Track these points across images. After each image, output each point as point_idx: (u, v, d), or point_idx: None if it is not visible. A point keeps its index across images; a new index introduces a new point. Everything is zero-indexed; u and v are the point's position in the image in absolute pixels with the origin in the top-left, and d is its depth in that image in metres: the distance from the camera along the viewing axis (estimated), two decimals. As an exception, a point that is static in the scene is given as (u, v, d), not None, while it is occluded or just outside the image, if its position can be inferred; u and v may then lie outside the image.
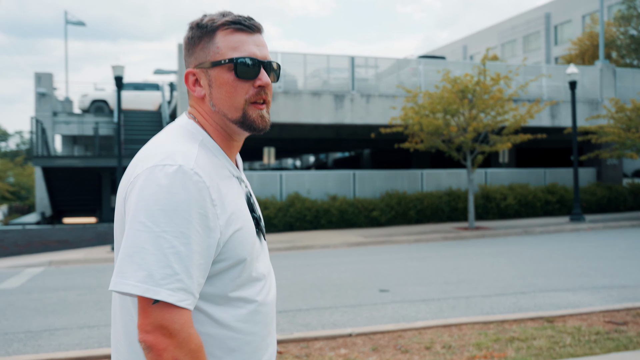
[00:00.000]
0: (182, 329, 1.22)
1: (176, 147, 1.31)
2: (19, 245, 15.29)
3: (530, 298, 7.49)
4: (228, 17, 1.40)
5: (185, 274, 1.22)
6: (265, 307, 1.43)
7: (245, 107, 1.39)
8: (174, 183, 1.24)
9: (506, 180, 19.75)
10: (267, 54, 1.44)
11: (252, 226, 1.41)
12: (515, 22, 57.18)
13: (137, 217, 1.22)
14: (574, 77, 17.16)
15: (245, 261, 1.36)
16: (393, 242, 14.52)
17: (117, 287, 1.22)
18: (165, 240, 1.21)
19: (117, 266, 1.23)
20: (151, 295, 1.19)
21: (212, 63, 1.38)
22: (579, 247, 12.55)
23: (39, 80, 21.52)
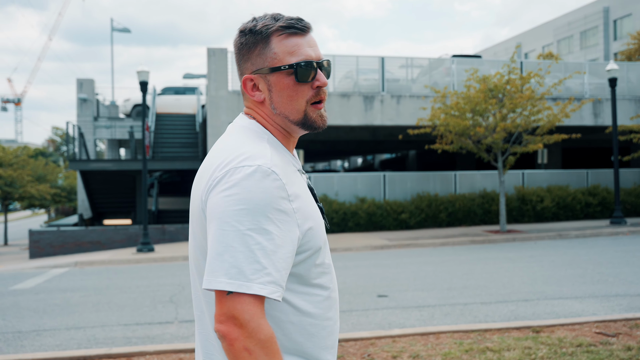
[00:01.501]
0: (252, 319, 1.27)
1: (250, 148, 1.38)
2: (54, 246, 15.82)
3: (531, 306, 7.16)
4: (281, 21, 1.43)
5: (273, 267, 1.29)
6: (335, 293, 1.53)
7: (306, 108, 1.46)
8: (253, 182, 1.31)
9: (545, 182, 19.04)
10: (320, 53, 1.48)
11: (320, 217, 1.48)
12: (572, 17, 55.25)
13: (222, 218, 1.30)
14: (614, 73, 16.38)
15: (320, 250, 1.45)
16: (418, 246, 14.23)
17: (211, 285, 1.28)
18: (251, 238, 1.28)
19: (209, 265, 1.30)
20: (244, 290, 1.26)
21: (271, 69, 1.43)
22: (609, 251, 11.96)
23: (80, 86, 22.24)
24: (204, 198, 1.38)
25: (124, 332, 6.33)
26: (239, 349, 1.27)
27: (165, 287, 9.16)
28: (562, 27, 56.89)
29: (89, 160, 17.84)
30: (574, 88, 20.06)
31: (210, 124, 17.02)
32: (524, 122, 15.02)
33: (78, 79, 22.42)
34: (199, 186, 1.42)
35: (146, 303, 7.87)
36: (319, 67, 1.46)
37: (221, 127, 16.98)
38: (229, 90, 17.04)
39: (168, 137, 20.26)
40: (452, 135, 15.16)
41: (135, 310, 7.47)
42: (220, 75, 16.96)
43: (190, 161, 18.50)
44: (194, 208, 1.44)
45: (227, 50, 17.15)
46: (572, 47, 55.45)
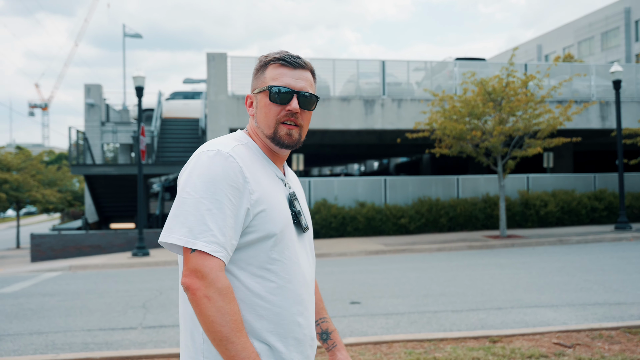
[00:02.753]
0: (211, 271, 1.49)
1: (220, 141, 1.64)
2: (55, 250, 15.98)
3: (503, 314, 7.01)
4: (278, 54, 1.71)
5: (219, 231, 1.51)
6: (295, 287, 1.65)
7: (276, 125, 1.69)
8: (212, 161, 1.56)
9: (550, 186, 18.71)
10: (306, 87, 1.71)
11: (286, 213, 1.67)
12: (593, 18, 54.37)
13: (184, 188, 1.56)
14: (618, 75, 16.05)
15: (276, 236, 1.62)
16: (414, 251, 14.08)
17: (165, 239, 1.53)
18: (203, 205, 1.52)
19: (166, 224, 1.55)
20: (190, 246, 1.50)
21: (258, 90, 1.71)
22: (605, 258, 11.69)
23: (88, 91, 22.49)
24: (178, 178, 1.64)
25: (84, 338, 6.33)
26: (200, 296, 1.48)
27: (143, 292, 9.17)
28: (583, 29, 56.02)
29: (89, 165, 18.01)
30: (582, 91, 19.71)
31: (210, 128, 17.06)
32: (524, 125, 14.79)
33: (86, 85, 22.69)
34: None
35: (118, 308, 7.87)
36: (297, 95, 1.68)
37: (220, 132, 17.02)
38: (228, 95, 17.08)
39: (172, 142, 20.38)
40: (450, 139, 14.98)
41: (105, 315, 7.48)
42: (219, 79, 17.01)
43: (191, 165, 18.55)
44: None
45: (226, 55, 17.19)
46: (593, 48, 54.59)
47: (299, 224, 1.72)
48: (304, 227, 1.75)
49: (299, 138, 1.72)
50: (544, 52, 60.93)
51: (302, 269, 1.70)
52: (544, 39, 61.64)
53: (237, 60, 17.52)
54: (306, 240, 1.78)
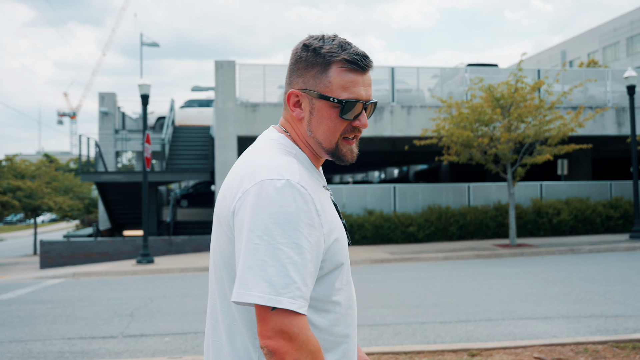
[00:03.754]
0: (301, 332, 1.30)
1: (277, 162, 1.40)
2: (64, 257, 16.11)
3: (492, 326, 6.80)
4: (346, 53, 1.44)
5: (302, 282, 1.32)
6: (354, 311, 1.54)
7: (339, 141, 1.48)
8: (284, 197, 1.33)
9: (565, 194, 18.31)
10: (370, 94, 1.50)
11: (345, 234, 1.51)
12: (618, 23, 53.44)
13: (254, 231, 1.31)
14: (632, 81, 15.64)
15: (343, 266, 1.47)
16: (420, 260, 13.86)
17: (242, 299, 1.30)
18: (282, 252, 1.30)
19: (239, 278, 1.32)
20: (274, 304, 1.28)
21: (320, 95, 1.45)
22: (613, 268, 11.34)
23: (102, 100, 22.74)
24: (231, 209, 1.39)
25: (62, 347, 6.29)
26: None
27: (136, 299, 9.14)
28: (608, 34, 55.10)
29: (99, 173, 18.16)
30: (598, 96, 19.29)
31: (218, 135, 17.07)
32: (534, 132, 14.49)
33: (100, 93, 22.94)
34: (225, 196, 1.43)
35: (105, 316, 7.84)
36: (365, 108, 1.47)
37: (228, 139, 17.02)
38: (236, 103, 17.08)
39: (184, 149, 20.46)
40: (457, 146, 14.75)
41: (90, 323, 7.45)
42: (227, 87, 17.02)
43: (200, 173, 18.60)
44: (221, 218, 1.44)
45: (234, 63, 17.21)
46: (618, 53, 53.63)
47: (348, 238, 1.56)
48: (349, 240, 1.58)
49: (357, 152, 1.53)
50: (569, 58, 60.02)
51: (353, 287, 1.56)
52: (568, 45, 60.74)
53: (245, 67, 17.53)
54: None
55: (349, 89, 1.44)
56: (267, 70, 17.47)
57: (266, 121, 17.07)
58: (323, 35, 1.49)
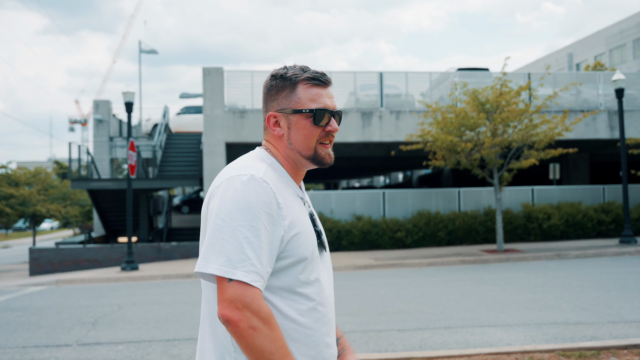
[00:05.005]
0: (252, 301, 1.46)
1: (249, 163, 1.62)
2: (53, 264, 16.18)
3: (449, 334, 6.73)
4: (307, 73, 1.69)
5: (257, 259, 1.49)
6: (324, 308, 1.66)
7: (316, 146, 1.69)
8: (247, 187, 1.53)
9: (557, 199, 18.14)
10: (335, 104, 1.73)
11: (313, 235, 1.66)
12: (624, 25, 53.05)
13: (218, 215, 1.52)
14: (620, 84, 15.50)
15: (306, 260, 1.61)
16: (404, 266, 13.78)
17: (202, 269, 1.50)
18: (240, 232, 1.49)
19: (202, 253, 1.52)
20: (230, 276, 1.46)
21: (294, 110, 1.68)
22: (593, 274, 11.21)
23: (97, 107, 22.84)
24: (206, 203, 1.61)
25: (14, 355, 6.30)
26: (244, 327, 1.46)
27: (104, 307, 9.15)
28: (614, 36, 54.70)
29: (89, 180, 18.23)
30: (591, 100, 19.14)
31: (206, 142, 17.10)
32: (520, 136, 14.38)
33: (94, 101, 23.05)
34: (207, 194, 1.65)
35: (68, 324, 7.85)
36: (333, 115, 1.70)
37: (216, 146, 17.05)
38: (224, 109, 17.11)
39: (177, 156, 20.51)
40: (442, 151, 14.67)
41: (50, 331, 7.46)
42: (215, 94, 17.06)
43: (190, 180, 18.63)
44: (203, 211, 1.64)
45: (222, 70, 17.25)
46: (624, 56, 53.23)
47: (321, 243, 1.72)
48: (325, 247, 1.76)
49: (333, 155, 1.74)
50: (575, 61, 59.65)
51: (327, 289, 1.70)
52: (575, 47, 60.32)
53: (233, 74, 17.57)
54: (326, 259, 1.77)
55: (316, 100, 1.68)
56: (255, 76, 17.50)
57: (254, 127, 17.09)
58: (285, 65, 1.74)
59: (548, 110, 17.45)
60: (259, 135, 17.05)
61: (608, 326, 6.88)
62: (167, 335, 7.01)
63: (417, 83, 18.91)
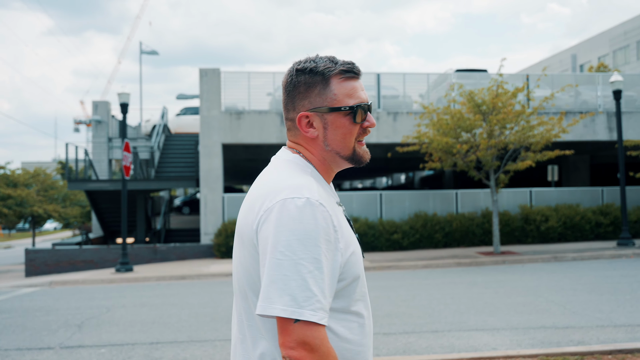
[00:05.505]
0: (322, 343, 1.38)
1: (297, 181, 1.48)
2: (49, 265, 16.17)
3: (435, 338, 6.67)
4: (340, 65, 1.55)
5: (322, 294, 1.39)
6: (370, 321, 1.61)
7: (355, 145, 1.59)
8: (304, 214, 1.40)
9: (555, 201, 18.04)
10: (367, 96, 1.61)
11: (359, 247, 1.58)
12: (628, 26, 52.85)
13: (276, 247, 1.39)
14: (617, 85, 15.40)
15: (359, 278, 1.54)
16: (399, 268, 13.71)
17: (266, 312, 1.38)
18: (303, 267, 1.38)
19: (263, 292, 1.40)
20: (296, 316, 1.36)
21: (330, 108, 1.54)
22: (588, 277, 11.12)
23: (95, 108, 22.85)
24: (254, 227, 1.46)
25: (-5, 358, 6.27)
26: None
27: (93, 309, 9.12)
28: (618, 37, 54.49)
29: (85, 181, 18.22)
30: (591, 101, 19.03)
31: (203, 143, 17.07)
32: (517, 138, 14.30)
33: (93, 102, 23.06)
34: (248, 215, 1.50)
35: (53, 327, 7.82)
36: (369, 109, 1.59)
37: (213, 147, 17.02)
38: (221, 111, 17.07)
39: (175, 157, 20.50)
40: (438, 152, 14.60)
41: (35, 334, 7.43)
42: (212, 95, 17.03)
43: (187, 181, 18.61)
44: (244, 236, 1.51)
45: (219, 71, 17.22)
46: (628, 57, 53.03)
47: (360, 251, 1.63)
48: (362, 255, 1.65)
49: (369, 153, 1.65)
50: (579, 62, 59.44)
51: (368, 298, 1.63)
52: (579, 49, 60.11)
53: (230, 75, 17.54)
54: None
55: (353, 95, 1.55)
56: (252, 77, 17.47)
57: (251, 128, 17.05)
58: (308, 57, 1.59)
59: (546, 112, 17.37)
60: (255, 137, 17.03)
61: (596, 330, 6.81)
62: (151, 338, 6.96)
63: (415, 84, 18.84)
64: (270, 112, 17.17)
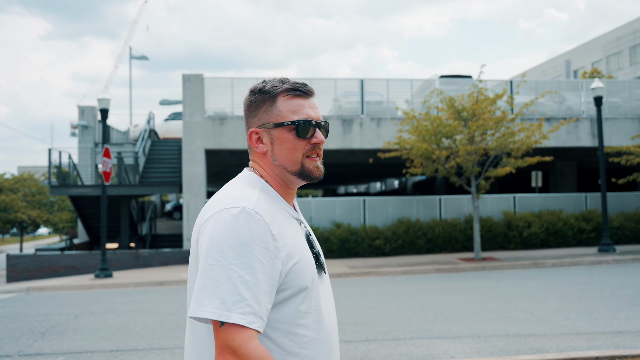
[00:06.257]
0: (241, 345, 1.37)
1: (239, 193, 1.52)
2: (30, 271, 16.12)
3: (395, 346, 6.65)
4: (287, 84, 1.61)
5: (253, 299, 1.39)
6: (327, 336, 1.58)
7: (303, 160, 1.61)
8: (238, 221, 1.44)
9: (538, 207, 18.04)
10: (319, 115, 1.64)
11: (311, 260, 1.58)
12: (621, 32, 53.03)
13: (209, 253, 1.43)
14: (598, 92, 15.43)
15: (307, 289, 1.53)
16: (378, 274, 13.69)
17: (195, 314, 1.41)
18: (234, 272, 1.40)
19: (194, 296, 1.43)
20: (225, 319, 1.37)
21: (275, 124, 1.60)
22: (563, 283, 11.13)
23: (82, 113, 22.83)
24: (196, 237, 1.53)
25: (-49, 366, 6.24)
26: None
27: (61, 316, 9.08)
28: (611, 43, 54.67)
29: (68, 186, 18.17)
30: (575, 107, 19.08)
31: (186, 149, 17.06)
32: (498, 144, 14.32)
33: (79, 106, 23.06)
34: (195, 228, 1.57)
35: (17, 334, 7.78)
36: (318, 126, 1.61)
37: (196, 153, 17.01)
38: (204, 116, 17.07)
39: (160, 162, 20.46)
40: (419, 158, 14.61)
41: (-3, 341, 7.39)
42: (195, 101, 17.03)
43: (170, 186, 18.59)
44: (192, 246, 1.57)
45: (202, 77, 17.23)
46: (621, 63, 53.19)
47: (320, 266, 1.64)
48: (324, 269, 1.67)
49: (322, 168, 1.66)
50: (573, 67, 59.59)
51: (328, 314, 1.62)
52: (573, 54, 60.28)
53: (212, 81, 17.55)
54: (326, 281, 1.68)
55: (298, 112, 1.59)
56: (235, 83, 17.48)
57: (234, 134, 17.05)
58: (264, 79, 1.66)
59: (530, 118, 17.42)
60: (239, 142, 17.03)
61: (558, 338, 6.81)
62: (112, 346, 6.93)
63: (400, 90, 18.86)
64: (254, 118, 17.14)
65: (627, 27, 52.38)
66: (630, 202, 18.64)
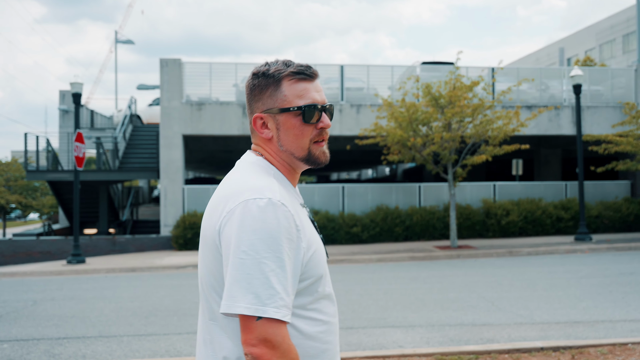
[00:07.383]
0: (284, 341, 1.41)
1: (259, 182, 1.51)
2: (5, 256, 16.00)
3: (345, 335, 6.59)
4: (292, 67, 1.58)
5: (285, 292, 1.42)
6: (335, 319, 1.64)
7: (310, 146, 1.59)
8: (266, 214, 1.43)
9: (518, 195, 17.99)
10: (324, 98, 1.62)
11: (322, 247, 1.61)
12: (614, 20, 52.82)
13: (239, 247, 1.42)
14: (577, 80, 15.32)
15: (322, 277, 1.57)
16: (352, 262, 13.64)
17: (230, 310, 1.41)
18: (266, 265, 1.40)
19: (227, 291, 1.42)
20: (261, 314, 1.38)
21: (281, 109, 1.57)
22: (531, 272, 11.09)
23: (62, 98, 22.60)
24: (217, 228, 1.49)
25: None
26: None
27: (20, 302, 8.99)
28: (605, 31, 54.47)
29: (44, 171, 18.02)
30: (558, 95, 18.97)
31: (163, 134, 16.90)
32: (475, 132, 14.22)
33: (60, 91, 22.82)
34: (212, 217, 1.53)
35: (-31, 321, 7.69)
36: (323, 110, 1.60)
37: (173, 138, 16.86)
38: (182, 102, 16.90)
39: (140, 148, 20.29)
40: (396, 145, 14.50)
41: (-53, 328, 7.29)
42: (173, 86, 16.84)
43: (149, 172, 18.43)
44: (207, 237, 1.54)
45: (180, 61, 17.02)
46: (614, 51, 53.03)
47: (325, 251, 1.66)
48: (327, 253, 1.68)
49: (329, 153, 1.66)
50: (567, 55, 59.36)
51: (334, 297, 1.66)
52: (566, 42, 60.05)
53: (191, 65, 17.35)
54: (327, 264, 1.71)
55: (304, 96, 1.56)
56: (213, 68, 17.29)
57: (212, 120, 16.89)
58: (267, 62, 1.62)
59: (512, 106, 17.30)
60: (216, 128, 16.88)
61: (512, 328, 6.76)
62: (60, 334, 6.85)
63: (381, 77, 18.68)
64: (232, 104, 17.00)
65: (621, 15, 52.15)
66: (611, 191, 18.61)
